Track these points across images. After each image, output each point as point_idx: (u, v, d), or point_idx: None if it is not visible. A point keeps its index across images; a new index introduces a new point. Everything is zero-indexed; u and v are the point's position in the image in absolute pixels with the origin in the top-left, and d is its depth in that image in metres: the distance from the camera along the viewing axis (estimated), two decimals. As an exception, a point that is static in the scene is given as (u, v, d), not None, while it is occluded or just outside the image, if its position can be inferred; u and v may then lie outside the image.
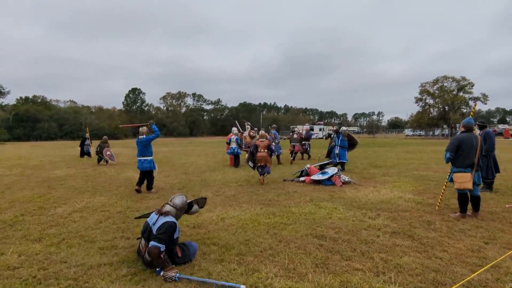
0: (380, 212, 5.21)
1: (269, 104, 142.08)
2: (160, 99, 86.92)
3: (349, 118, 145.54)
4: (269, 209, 5.48)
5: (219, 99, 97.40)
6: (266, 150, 8.29)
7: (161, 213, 3.51)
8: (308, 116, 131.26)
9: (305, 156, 14.59)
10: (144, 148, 7.00)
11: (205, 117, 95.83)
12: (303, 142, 14.73)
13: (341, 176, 7.92)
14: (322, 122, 60.11)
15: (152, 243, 3.24)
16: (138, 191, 6.80)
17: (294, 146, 14.26)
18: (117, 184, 8.07)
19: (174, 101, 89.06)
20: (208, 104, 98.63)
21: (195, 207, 3.93)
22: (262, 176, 8.33)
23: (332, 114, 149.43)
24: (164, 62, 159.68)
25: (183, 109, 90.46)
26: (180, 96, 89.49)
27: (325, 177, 7.72)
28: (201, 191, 6.95)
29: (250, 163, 8.34)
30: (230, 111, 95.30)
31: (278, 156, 12.64)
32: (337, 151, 10.03)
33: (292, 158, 13.43)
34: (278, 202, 5.95)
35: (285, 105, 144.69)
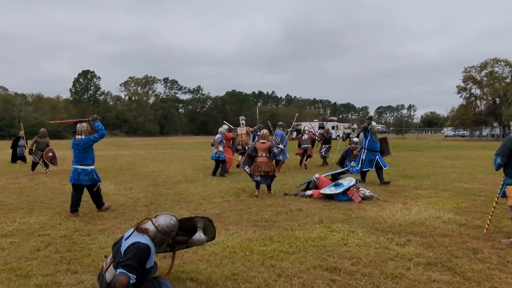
0: (411, 237, 5.25)
1: (265, 93, 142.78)
2: (120, 85, 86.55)
3: (371, 112, 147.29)
4: (265, 232, 5.48)
5: (199, 87, 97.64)
6: (268, 155, 8.57)
7: (137, 228, 3.44)
8: (318, 109, 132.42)
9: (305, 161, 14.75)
10: (83, 154, 6.50)
11: (180, 110, 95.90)
12: (322, 146, 15.13)
13: (361, 189, 7.98)
14: (335, 117, 60.71)
15: (119, 270, 3.15)
16: (74, 213, 6.43)
17: (305, 150, 14.55)
18: (61, 199, 8.00)
19: (139, 88, 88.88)
20: (184, 93, 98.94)
21: (199, 235, 3.70)
22: (258, 190, 8.45)
23: (347, 107, 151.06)
24: (125, 37, 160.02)
25: (152, 100, 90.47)
26: (148, 82, 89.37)
27: (339, 190, 7.78)
28: (174, 209, 6.92)
29: (247, 168, 8.64)
30: (214, 102, 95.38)
31: (277, 162, 12.84)
32: (363, 155, 10.02)
33: (303, 162, 13.98)
34: (277, 224, 5.96)
35: (287, 95, 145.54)
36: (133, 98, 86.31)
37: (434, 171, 12.89)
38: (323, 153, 15.26)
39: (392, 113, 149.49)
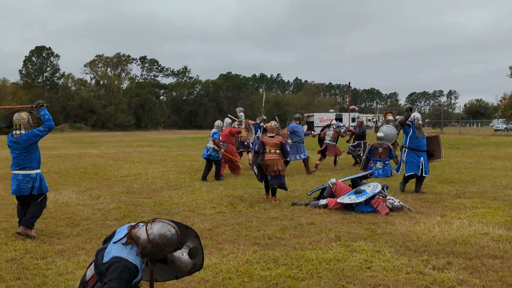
0: (451, 259, 5.24)
1: (269, 77, 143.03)
2: (85, 66, 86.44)
3: (401, 100, 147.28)
4: (268, 253, 5.47)
5: (185, 68, 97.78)
6: (278, 151, 8.90)
7: (129, 236, 3.45)
8: (334, 97, 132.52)
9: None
10: (24, 154, 6.13)
11: (162, 98, 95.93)
12: (357, 143, 15.52)
13: (388, 197, 7.99)
14: (356, 107, 60.71)
15: None
16: (23, 233, 6.17)
17: (326, 147, 14.82)
18: (7, 211, 7.99)
19: (109, 70, 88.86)
20: (167, 75, 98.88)
21: (181, 254, 3.64)
22: (268, 194, 8.94)
23: (371, 94, 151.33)
24: (91, 5, 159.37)
25: (125, 84, 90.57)
26: (120, 61, 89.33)
27: (362, 199, 7.79)
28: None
29: (255, 168, 9.07)
30: (204, 87, 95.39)
31: (305, 161, 13.46)
32: (404, 155, 9.92)
33: (316, 162, 14.52)
34: (283, 242, 5.96)
35: (296, 79, 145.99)
36: (102, 82, 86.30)
37: (480, 174, 12.89)
38: (358, 152, 15.39)
39: (427, 101, 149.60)
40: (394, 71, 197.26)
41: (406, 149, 9.84)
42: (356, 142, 15.54)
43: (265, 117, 14.91)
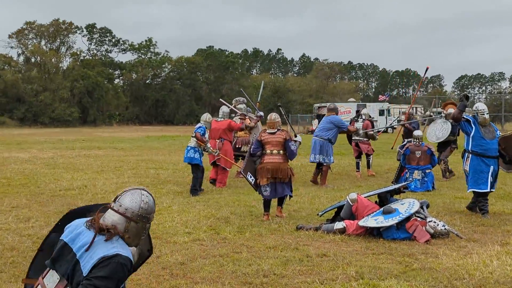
0: (516, 305, 5.27)
1: (265, 53, 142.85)
2: (10, 37, 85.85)
3: (447, 86, 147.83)
4: (264, 296, 5.46)
5: (149, 41, 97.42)
6: (282, 152, 9.31)
7: (100, 230, 3.65)
8: (355, 81, 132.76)
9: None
10: None
11: (117, 82, 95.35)
12: (408, 140, 15.80)
13: (429, 219, 8.01)
14: (386, 96, 61.13)
15: None
16: None
17: (357, 145, 15.60)
18: None
19: (44, 43, 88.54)
20: (124, 51, 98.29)
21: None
22: (267, 214, 9.17)
23: (406, 77, 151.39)
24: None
25: (66, 62, 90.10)
26: (59, 31, 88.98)
27: (392, 221, 7.81)
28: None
29: (250, 177, 9.38)
30: (176, 67, 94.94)
31: (324, 168, 13.80)
32: (466, 164, 9.62)
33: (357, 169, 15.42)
34: (284, 280, 5.96)
35: (303, 56, 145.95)
36: (33, 59, 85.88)
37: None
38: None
39: (482, 87, 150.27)
40: (437, 47, 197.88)
41: (470, 155, 9.58)
42: (405, 141, 15.82)
43: (262, 114, 15.01)
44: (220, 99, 15.18)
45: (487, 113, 9.56)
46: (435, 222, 7.96)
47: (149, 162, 20.00)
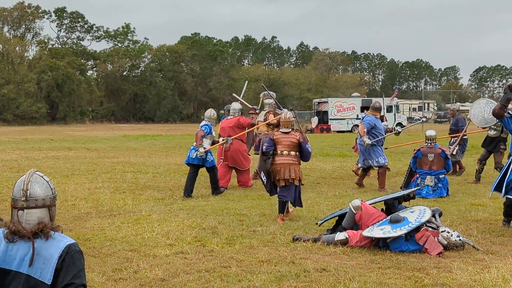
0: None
1: (258, 41, 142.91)
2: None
3: (463, 79, 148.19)
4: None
5: (127, 27, 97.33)
6: (293, 153, 9.86)
7: (34, 234, 3.65)
8: (360, 73, 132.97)
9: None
10: None
11: (90, 73, 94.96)
12: (452, 140, 16.51)
13: (442, 229, 8.03)
14: (395, 91, 61.35)
15: None
16: None
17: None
18: None
19: (6, 29, 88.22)
20: (98, 38, 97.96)
21: None
22: (281, 214, 9.85)
23: (418, 68, 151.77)
24: None
25: (32, 51, 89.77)
26: (23, 16, 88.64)
27: (401, 231, 7.82)
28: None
29: (263, 176, 10.05)
30: (157, 57, 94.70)
31: (382, 170, 14.02)
32: (509, 171, 9.13)
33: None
34: (277, 299, 5.95)
35: (301, 45, 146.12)
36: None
37: None
38: (455, 154, 15.76)
39: (502, 80, 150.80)
40: (451, 35, 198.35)
41: None
42: (452, 139, 16.36)
43: (257, 108, 15.22)
44: (233, 94, 15.34)
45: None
46: (448, 232, 7.97)
47: (126, 165, 19.96)
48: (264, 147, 10.15)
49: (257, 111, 15.20)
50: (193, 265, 7.16)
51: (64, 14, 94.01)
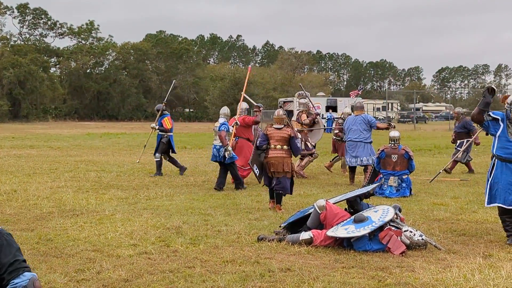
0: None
1: (224, 40, 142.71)
2: None
3: (426, 79, 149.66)
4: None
5: (91, 24, 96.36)
6: (285, 147, 10.82)
7: None
8: (325, 72, 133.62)
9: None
10: None
11: (53, 71, 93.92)
12: (459, 142, 17.48)
13: (405, 228, 8.10)
14: (358, 90, 61.69)
15: (27, 276, 3.80)
16: None
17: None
18: None
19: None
20: (61, 35, 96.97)
21: None
22: (272, 201, 10.87)
23: (381, 68, 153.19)
24: None
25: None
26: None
27: (364, 230, 7.86)
28: (37, 271, 6.78)
29: (256, 169, 11.17)
30: (121, 54, 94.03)
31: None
32: (491, 177, 8.64)
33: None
34: (242, 299, 5.93)
35: (266, 44, 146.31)
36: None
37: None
38: (465, 154, 17.02)
39: (464, 81, 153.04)
40: (415, 35, 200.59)
41: (496, 160, 8.68)
42: (458, 142, 17.29)
43: (261, 106, 15.77)
44: (244, 95, 15.46)
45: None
46: (411, 232, 8.02)
47: (90, 163, 19.81)
48: (258, 142, 11.08)
49: (261, 109, 15.73)
50: (157, 265, 7.12)
51: (27, 11, 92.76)
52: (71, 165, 19.30)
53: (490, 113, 8.51)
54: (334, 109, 55.15)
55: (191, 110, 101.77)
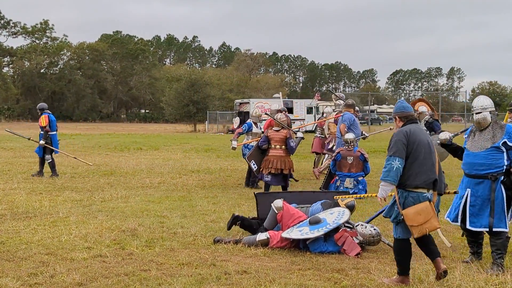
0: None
1: (180, 40, 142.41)
2: None
3: (381, 82, 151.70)
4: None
5: (45, 23, 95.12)
6: (284, 147, 12.45)
7: None
8: (280, 74, 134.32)
9: None
10: None
11: (6, 70, 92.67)
12: None
13: (357, 223, 8.20)
14: (317, 94, 62.09)
15: None
16: None
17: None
18: None
19: None
20: (14, 35, 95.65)
21: None
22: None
23: (337, 71, 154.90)
24: None
25: None
26: None
27: (319, 232, 7.91)
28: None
29: (253, 164, 12.60)
30: (76, 54, 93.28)
31: None
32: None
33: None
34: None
35: (223, 45, 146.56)
36: None
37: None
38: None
39: (417, 83, 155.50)
40: (370, 38, 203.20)
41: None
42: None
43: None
44: (276, 95, 15.90)
45: (478, 112, 7.51)
46: (362, 225, 8.14)
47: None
48: (259, 142, 12.67)
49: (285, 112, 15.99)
50: (112, 268, 7.06)
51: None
52: (24, 166, 19.09)
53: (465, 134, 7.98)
54: (290, 110, 55.38)
55: (146, 111, 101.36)
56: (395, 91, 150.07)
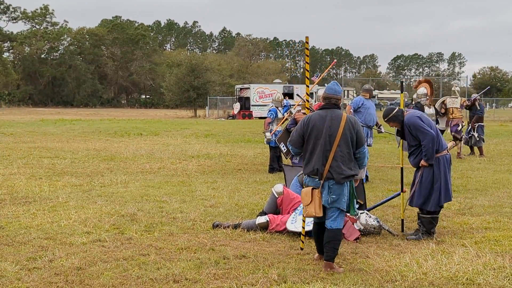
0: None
1: (181, 25, 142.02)
2: None
3: (382, 67, 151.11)
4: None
5: (45, 8, 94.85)
6: None
7: None
8: (281, 59, 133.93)
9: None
10: None
11: (6, 56, 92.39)
12: (470, 125, 19.33)
13: (361, 211, 8.19)
14: (314, 77, 61.72)
15: None
16: None
17: None
18: None
19: None
20: (14, 20, 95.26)
21: None
22: None
23: (337, 56, 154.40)
24: None
25: None
26: None
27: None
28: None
29: (283, 146, 12.50)
30: (76, 40, 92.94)
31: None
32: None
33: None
34: (198, 286, 5.96)
35: (223, 31, 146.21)
36: None
37: (494, 180, 13.53)
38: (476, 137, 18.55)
39: (419, 69, 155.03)
40: (371, 23, 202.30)
41: None
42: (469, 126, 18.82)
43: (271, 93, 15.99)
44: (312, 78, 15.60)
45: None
46: (367, 214, 8.12)
47: (43, 150, 19.53)
48: (288, 125, 12.64)
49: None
50: (111, 253, 7.07)
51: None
52: (24, 151, 19.03)
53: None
54: (291, 96, 55.16)
55: (147, 96, 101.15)
56: (396, 76, 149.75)
